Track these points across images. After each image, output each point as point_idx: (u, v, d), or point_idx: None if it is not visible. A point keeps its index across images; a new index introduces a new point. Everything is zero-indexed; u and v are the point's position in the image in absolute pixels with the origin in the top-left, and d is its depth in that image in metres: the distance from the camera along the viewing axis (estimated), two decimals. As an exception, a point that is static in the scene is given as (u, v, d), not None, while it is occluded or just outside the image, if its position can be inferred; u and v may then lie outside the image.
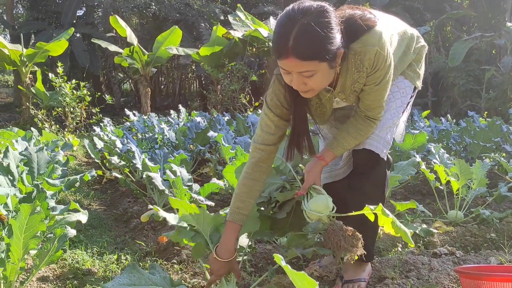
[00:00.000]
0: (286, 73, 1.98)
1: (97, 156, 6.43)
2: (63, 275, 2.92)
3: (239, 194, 2.31)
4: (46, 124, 10.36)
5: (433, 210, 4.14)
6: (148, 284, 2.13)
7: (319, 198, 2.21)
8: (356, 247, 2.14)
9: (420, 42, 2.49)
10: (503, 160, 4.16)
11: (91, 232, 3.88)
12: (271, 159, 2.35)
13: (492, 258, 2.86)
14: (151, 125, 7.75)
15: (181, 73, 24.14)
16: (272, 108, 2.23)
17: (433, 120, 8.60)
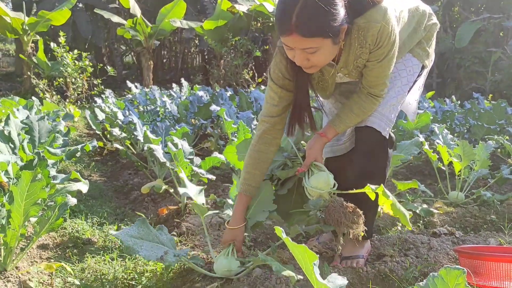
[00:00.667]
0: (289, 49, 1.98)
1: (98, 128, 6.43)
2: (63, 244, 2.95)
3: (245, 166, 2.37)
4: (47, 94, 10.33)
5: (434, 190, 4.14)
6: (154, 241, 2.24)
7: (320, 175, 2.21)
8: (356, 224, 2.15)
9: (432, 20, 2.46)
10: (506, 142, 4.14)
11: (91, 203, 3.91)
12: (277, 131, 2.35)
13: (491, 239, 2.86)
14: (153, 98, 7.73)
15: (183, 47, 23.93)
16: (275, 80, 2.24)
17: (438, 101, 8.57)
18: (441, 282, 1.19)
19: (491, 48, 15.79)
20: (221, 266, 2.23)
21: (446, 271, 1.19)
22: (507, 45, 15.37)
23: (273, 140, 2.35)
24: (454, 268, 1.18)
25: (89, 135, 7.85)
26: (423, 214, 3.33)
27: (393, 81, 2.37)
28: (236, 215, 2.36)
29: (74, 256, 2.73)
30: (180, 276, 2.48)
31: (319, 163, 2.27)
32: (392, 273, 2.34)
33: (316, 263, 1.28)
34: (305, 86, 2.24)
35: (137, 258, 2.64)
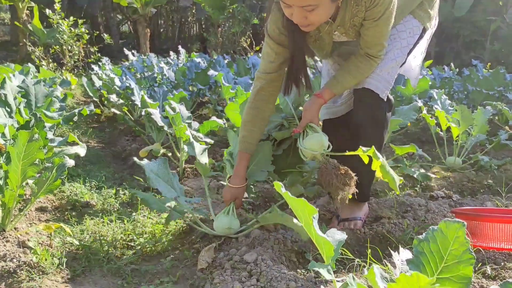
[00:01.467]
0: (287, 6, 1.96)
1: (96, 95, 6.39)
2: (61, 206, 2.95)
3: (243, 124, 2.37)
4: (43, 62, 10.21)
5: (432, 156, 4.14)
6: (169, 183, 2.35)
7: (314, 136, 2.20)
8: (348, 186, 2.13)
9: None
10: (505, 107, 4.13)
11: (90, 168, 3.90)
12: (274, 88, 2.34)
13: (488, 202, 2.88)
14: (150, 64, 7.67)
15: (181, 16, 23.64)
16: (272, 36, 2.22)
17: (436, 68, 8.52)
18: (441, 235, 1.19)
19: (490, 17, 15.64)
20: (222, 224, 2.24)
21: (445, 224, 1.18)
22: (506, 14, 15.23)
23: (270, 96, 2.34)
24: (454, 222, 1.18)
25: (86, 103, 7.79)
26: (420, 179, 3.34)
27: (392, 42, 2.34)
28: (238, 173, 2.36)
29: (72, 219, 2.73)
30: (178, 238, 2.49)
31: (314, 125, 2.25)
32: (390, 235, 2.36)
33: (315, 217, 1.27)
34: (301, 45, 2.22)
35: (136, 220, 2.64)
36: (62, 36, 10.13)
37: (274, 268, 1.88)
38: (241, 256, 2.03)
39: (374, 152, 2.01)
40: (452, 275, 1.17)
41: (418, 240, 1.21)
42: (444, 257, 1.18)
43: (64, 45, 10.31)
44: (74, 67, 10.95)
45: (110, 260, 2.24)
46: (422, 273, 1.17)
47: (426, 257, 1.19)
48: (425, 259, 1.19)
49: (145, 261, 2.29)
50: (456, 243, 1.17)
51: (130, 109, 5.41)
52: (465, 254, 1.16)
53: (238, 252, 2.08)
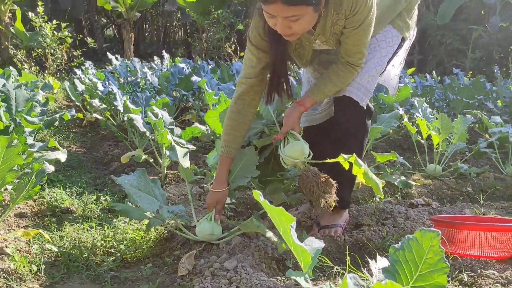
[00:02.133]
0: (271, 17, 1.98)
1: (78, 99, 6.35)
2: (41, 212, 2.92)
3: (225, 128, 2.38)
4: (25, 65, 10.12)
5: (412, 163, 4.18)
6: (150, 194, 2.29)
7: (295, 144, 2.21)
8: (329, 194, 2.15)
9: None
10: (484, 116, 4.19)
11: (70, 173, 3.87)
12: (255, 93, 2.35)
13: (467, 210, 2.92)
14: (134, 69, 7.64)
15: (166, 20, 23.61)
16: (254, 42, 2.24)
17: (418, 76, 8.62)
18: (416, 244, 1.20)
19: (472, 26, 15.87)
20: (204, 230, 2.24)
21: (421, 233, 1.20)
22: (487, 23, 15.45)
23: (251, 101, 2.35)
24: (429, 231, 1.19)
25: (68, 107, 7.72)
26: (401, 186, 3.37)
27: (372, 52, 2.37)
28: (220, 178, 2.37)
29: (52, 225, 2.71)
30: (159, 244, 2.49)
31: (295, 132, 2.27)
32: (369, 242, 2.38)
33: (293, 226, 1.28)
34: (283, 54, 2.24)
35: (116, 227, 2.63)
36: (45, 40, 10.05)
37: (254, 275, 1.88)
38: (221, 263, 2.03)
39: (356, 159, 2.03)
40: (426, 283, 1.18)
41: (394, 249, 1.22)
42: (419, 265, 1.19)
43: (47, 48, 10.22)
44: (57, 70, 10.87)
45: (89, 267, 2.23)
46: (397, 281, 1.19)
47: (401, 265, 1.20)
48: (400, 268, 1.21)
49: (125, 268, 2.28)
50: (431, 252, 1.18)
51: (112, 114, 5.39)
52: (440, 263, 1.18)
53: (219, 259, 2.08)
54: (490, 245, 2.13)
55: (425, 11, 17.68)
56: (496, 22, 14.57)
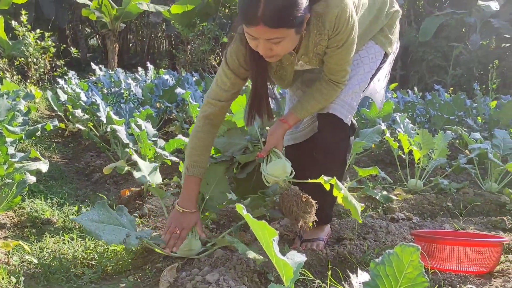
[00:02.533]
0: (253, 38, 1.96)
1: (60, 109, 6.31)
2: (21, 223, 2.89)
3: (194, 148, 2.31)
4: (7, 74, 10.03)
5: (394, 178, 4.22)
6: (115, 224, 2.16)
7: (277, 162, 2.21)
8: (308, 214, 2.15)
9: (393, 7, 2.47)
10: (464, 132, 4.26)
11: (51, 183, 3.84)
12: (222, 115, 2.35)
13: (446, 225, 2.95)
14: (118, 80, 7.61)
15: (150, 31, 23.60)
16: (230, 66, 2.21)
17: (400, 92, 8.73)
18: (396, 259, 1.22)
19: (453, 43, 16.14)
20: (183, 246, 2.23)
21: (401, 248, 1.22)
22: (468, 41, 15.74)
23: (218, 122, 2.35)
24: (409, 246, 1.21)
25: (50, 117, 7.68)
26: (382, 200, 3.40)
27: (355, 68, 2.39)
28: (191, 197, 2.30)
29: (32, 236, 2.68)
30: (141, 257, 2.47)
31: (278, 150, 2.26)
32: (351, 256, 2.39)
33: (275, 239, 1.29)
34: (264, 75, 2.23)
35: (98, 239, 2.62)
36: (27, 49, 9.98)
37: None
38: (203, 276, 2.02)
39: (336, 182, 2.04)
40: (406, 297, 1.20)
41: (375, 263, 1.24)
42: (399, 280, 1.21)
43: (30, 57, 10.15)
44: (39, 80, 10.79)
45: (69, 279, 2.20)
46: (378, 295, 1.20)
47: (382, 280, 1.22)
48: (381, 282, 1.22)
49: (106, 280, 2.25)
50: (410, 267, 1.20)
51: (95, 125, 5.36)
52: (419, 278, 1.20)
53: (201, 272, 2.07)
54: (469, 260, 2.15)
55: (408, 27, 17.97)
56: (477, 40, 14.85)
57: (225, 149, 2.49)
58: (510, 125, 5.56)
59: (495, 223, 3.03)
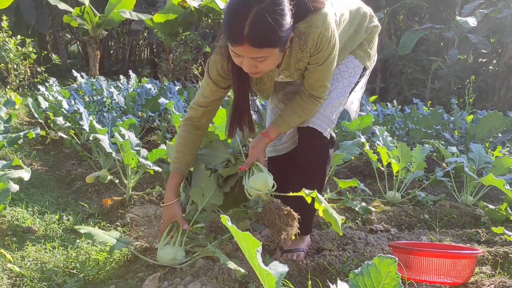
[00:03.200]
0: (237, 56, 2.01)
1: (41, 116, 6.27)
2: (2, 232, 2.87)
3: (175, 146, 2.44)
4: (-14, 80, 9.94)
5: (373, 190, 4.29)
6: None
7: (259, 176, 2.25)
8: (290, 226, 2.19)
9: (373, 22, 2.54)
10: (441, 146, 4.35)
11: (32, 191, 3.82)
12: (204, 119, 2.42)
13: (423, 236, 3.02)
14: (100, 88, 7.60)
15: (132, 39, 23.54)
16: (211, 75, 2.28)
17: (380, 105, 8.85)
18: (374, 270, 1.27)
19: (432, 57, 16.41)
20: (166, 255, 2.26)
21: (379, 259, 1.27)
22: (446, 55, 16.02)
23: (200, 125, 2.43)
24: (387, 257, 1.26)
25: (30, 124, 7.61)
26: (361, 212, 3.45)
27: (335, 82, 2.45)
28: (169, 192, 2.39)
29: (13, 244, 2.67)
30: (123, 266, 2.48)
31: (260, 164, 2.31)
32: (330, 266, 2.43)
33: (259, 250, 1.33)
34: (245, 87, 2.28)
35: (79, 247, 2.62)
36: (8, 54, 9.89)
37: (218, 298, 1.92)
38: (185, 285, 2.05)
39: (317, 196, 2.09)
40: (384, 307, 1.25)
41: (354, 274, 1.28)
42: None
43: (10, 63, 10.05)
44: (19, 86, 10.68)
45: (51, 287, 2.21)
46: (357, 305, 1.25)
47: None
48: (360, 292, 1.27)
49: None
50: (388, 278, 1.25)
51: (77, 133, 5.34)
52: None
53: (183, 281, 2.10)
54: (445, 271, 2.19)
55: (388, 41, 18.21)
56: (455, 55, 15.11)
57: (208, 162, 2.52)
58: (485, 139, 5.68)
59: (470, 235, 3.09)
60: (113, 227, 2.97)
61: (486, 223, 3.47)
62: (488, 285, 2.19)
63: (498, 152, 4.86)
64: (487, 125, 5.61)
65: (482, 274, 2.40)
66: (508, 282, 2.20)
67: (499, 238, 3.00)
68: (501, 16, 13.94)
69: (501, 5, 15.09)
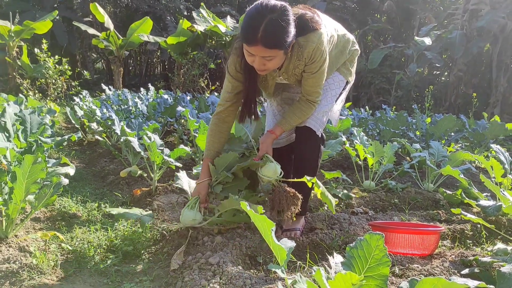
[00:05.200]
0: (250, 55, 2.10)
1: (77, 122, 6.26)
2: (52, 217, 2.90)
3: (207, 137, 2.51)
4: (30, 92, 9.88)
5: (352, 179, 4.31)
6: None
7: (269, 165, 2.31)
8: (295, 205, 2.27)
9: (354, 46, 2.62)
10: (407, 143, 4.40)
11: (74, 184, 3.83)
12: (229, 112, 2.47)
13: (395, 217, 3.05)
14: (125, 98, 7.58)
15: (147, 57, 23.47)
16: (231, 73, 2.36)
17: (355, 110, 8.90)
18: (366, 244, 1.31)
19: (395, 70, 16.48)
20: (187, 217, 2.31)
21: (369, 235, 1.30)
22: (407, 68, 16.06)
23: (226, 118, 2.48)
24: (375, 234, 1.30)
25: (67, 128, 7.60)
26: (344, 198, 3.48)
27: (325, 92, 2.52)
28: (202, 173, 2.46)
29: (63, 228, 2.69)
30: (153, 244, 2.51)
31: (269, 156, 2.37)
32: (322, 242, 2.45)
33: (273, 229, 1.37)
34: (254, 84, 2.36)
35: (117, 229, 2.65)
36: (47, 71, 9.86)
37: (233, 268, 1.94)
38: (206, 259, 2.08)
39: (316, 181, 2.14)
40: (374, 273, 1.28)
41: (350, 247, 1.32)
42: (368, 260, 1.29)
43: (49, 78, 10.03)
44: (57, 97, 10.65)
45: (96, 262, 2.24)
46: (352, 272, 1.29)
47: (355, 260, 1.30)
48: (354, 262, 1.30)
49: (126, 263, 2.29)
50: (377, 250, 1.29)
51: (108, 135, 5.35)
52: (384, 258, 1.28)
53: (204, 256, 2.12)
54: (414, 245, 2.23)
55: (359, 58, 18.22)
56: (414, 68, 15.16)
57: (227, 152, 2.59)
58: (442, 137, 5.74)
59: (432, 215, 3.12)
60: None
61: (444, 205, 3.50)
62: (449, 255, 2.22)
63: (452, 148, 4.91)
64: (443, 126, 5.65)
65: (444, 247, 2.44)
66: (466, 253, 2.24)
67: (456, 218, 3.04)
68: (451, 36, 14.00)
69: (451, 27, 15.18)
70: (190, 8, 19.02)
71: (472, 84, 14.71)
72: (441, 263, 2.10)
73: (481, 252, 2.31)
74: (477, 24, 13.50)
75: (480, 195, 2.95)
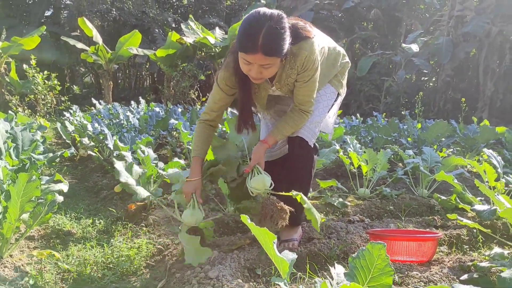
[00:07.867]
0: (248, 64, 2.10)
1: (68, 137, 6.22)
2: (47, 235, 2.86)
3: (194, 141, 2.53)
4: (19, 109, 9.81)
5: (347, 187, 4.32)
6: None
7: (258, 177, 2.29)
8: (283, 219, 2.25)
9: (345, 59, 2.65)
10: (400, 150, 4.42)
11: (67, 201, 3.78)
12: (214, 120, 2.51)
13: (391, 224, 3.05)
14: (116, 112, 7.55)
15: (136, 70, 23.43)
16: (220, 84, 2.37)
17: (347, 118, 8.94)
18: (368, 254, 1.31)
19: (384, 77, 16.63)
20: (190, 218, 2.33)
21: (371, 245, 1.30)
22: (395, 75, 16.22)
23: (212, 124, 2.52)
24: (377, 243, 1.30)
25: (58, 144, 7.53)
26: (339, 206, 3.48)
27: (317, 104, 2.52)
28: (194, 170, 2.44)
29: (58, 245, 2.66)
30: (150, 259, 2.48)
31: (259, 167, 2.35)
32: (320, 252, 2.44)
33: (275, 242, 1.37)
34: (249, 95, 2.37)
35: (113, 245, 2.62)
36: (36, 87, 9.80)
37: (233, 281, 1.93)
38: (205, 273, 2.06)
39: (302, 197, 2.16)
40: (377, 283, 1.28)
41: (352, 258, 1.32)
42: (371, 270, 1.29)
43: (38, 94, 9.96)
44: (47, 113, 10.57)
45: (93, 280, 2.21)
46: (356, 283, 1.28)
47: (358, 270, 1.30)
48: (357, 272, 1.30)
49: (123, 280, 2.26)
50: (379, 259, 1.29)
51: (100, 150, 5.31)
52: (386, 268, 1.28)
53: (203, 270, 2.11)
54: (412, 252, 2.23)
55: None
56: (402, 75, 15.31)
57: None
58: (433, 143, 5.78)
59: (428, 221, 3.12)
60: (139, 228, 2.96)
61: (439, 211, 3.50)
62: (447, 261, 2.23)
63: (443, 153, 4.95)
64: (434, 131, 5.69)
65: (441, 253, 2.44)
66: (463, 258, 2.25)
67: (451, 223, 3.04)
68: (437, 43, 14.18)
69: (437, 34, 15.40)
70: (178, 20, 19.08)
71: (460, 89, 14.89)
72: (440, 270, 2.09)
73: (478, 257, 2.31)
74: (463, 29, 13.71)
75: (475, 199, 2.97)
